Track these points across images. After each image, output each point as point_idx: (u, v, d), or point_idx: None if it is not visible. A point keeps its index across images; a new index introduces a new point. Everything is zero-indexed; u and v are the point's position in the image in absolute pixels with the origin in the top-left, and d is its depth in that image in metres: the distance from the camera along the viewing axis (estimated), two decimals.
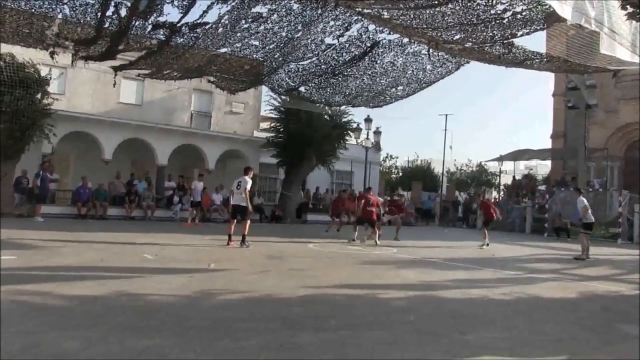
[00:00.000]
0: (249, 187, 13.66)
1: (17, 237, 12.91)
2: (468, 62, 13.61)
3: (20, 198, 20.55)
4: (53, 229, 15.11)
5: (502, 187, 40.79)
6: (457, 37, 11.20)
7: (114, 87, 17.33)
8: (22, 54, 18.62)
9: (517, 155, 38.55)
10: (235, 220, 13.61)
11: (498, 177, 45.02)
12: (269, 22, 11.36)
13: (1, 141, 20.02)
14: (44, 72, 20.87)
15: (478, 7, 9.54)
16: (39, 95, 20.76)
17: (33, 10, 11.05)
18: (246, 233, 13.23)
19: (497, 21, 9.98)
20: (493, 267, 12.08)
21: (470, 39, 11.18)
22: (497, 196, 39.55)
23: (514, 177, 38.67)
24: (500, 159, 38.28)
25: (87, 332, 5.12)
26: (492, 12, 9.71)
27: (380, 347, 5.06)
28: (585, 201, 15.30)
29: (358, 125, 29.55)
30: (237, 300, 7.14)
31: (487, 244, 17.35)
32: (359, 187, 31.24)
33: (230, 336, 5.22)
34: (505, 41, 10.94)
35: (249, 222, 13.52)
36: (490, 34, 10.65)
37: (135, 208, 23.14)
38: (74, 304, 6.40)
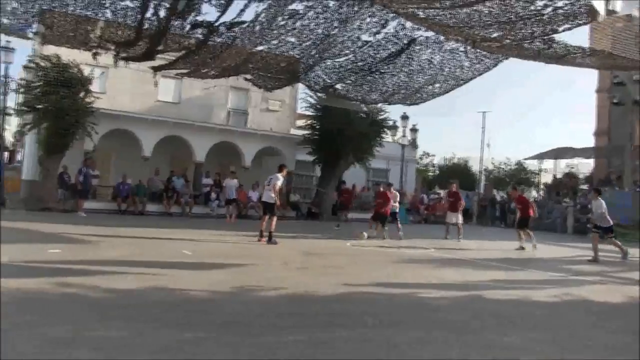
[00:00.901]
0: (279, 184, 13.74)
1: (62, 232, 13.22)
2: (507, 58, 13.35)
3: (62, 193, 21.08)
4: (95, 224, 15.41)
5: (542, 186, 40.01)
6: (495, 34, 11.00)
7: (155, 87, 17.59)
8: (67, 54, 19.02)
9: (558, 154, 37.71)
10: (267, 217, 13.68)
11: (538, 175, 44.16)
12: (305, 18, 11.34)
13: (46, 138, 20.56)
14: (86, 71, 21.30)
15: (517, 4, 9.33)
16: (81, 94, 21.22)
17: (78, 14, 11.33)
18: (273, 230, 13.26)
19: (537, 17, 9.74)
20: (534, 268, 11.85)
21: (509, 37, 10.96)
22: (536, 195, 38.82)
23: (554, 175, 37.89)
24: (540, 156, 37.53)
25: (127, 325, 5.20)
26: (532, 8, 9.48)
27: (419, 347, 5.01)
28: (604, 205, 13.94)
29: (394, 122, 29.38)
30: (275, 296, 7.16)
31: (534, 245, 15.82)
32: (396, 185, 31.05)
33: (268, 332, 5.23)
34: (545, 37, 10.68)
35: (275, 219, 13.54)
36: (530, 31, 10.40)
37: (173, 204, 23.45)
38: (115, 296, 6.52)
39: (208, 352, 4.50)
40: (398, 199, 17.83)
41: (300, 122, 30.89)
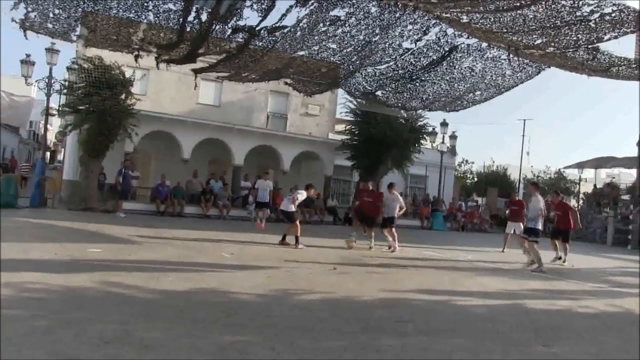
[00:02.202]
0: (300, 198, 13.99)
1: (102, 231, 13.48)
2: (549, 67, 13.13)
3: (99, 194, 21.47)
4: (134, 225, 15.66)
5: (582, 196, 39.21)
6: (539, 41, 10.81)
7: (194, 89, 17.77)
8: (110, 56, 19.36)
9: (599, 163, 36.88)
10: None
11: (578, 185, 43.29)
12: (346, 25, 11.34)
13: (88, 139, 20.98)
14: (128, 73, 21.67)
15: (563, 9, 9.15)
16: (123, 96, 21.59)
17: (121, 17, 11.53)
18: (298, 234, 13.29)
19: (583, 24, 9.54)
20: (575, 279, 11.62)
21: (553, 44, 10.76)
22: (576, 205, 38.04)
23: (594, 185, 37.08)
24: (581, 165, 36.77)
25: (172, 325, 5.28)
26: (578, 14, 9.29)
27: (461, 355, 4.96)
28: (542, 202, 13.00)
29: (434, 129, 29.14)
30: (318, 300, 7.20)
31: (564, 260, 14.58)
32: (434, 192, 30.84)
33: (310, 336, 5.25)
34: (590, 46, 10.46)
35: (297, 224, 13.59)
36: (575, 38, 10.18)
37: (211, 207, 23.66)
38: (159, 297, 6.62)
39: (253, 354, 4.54)
40: (400, 205, 15.36)
41: (340, 127, 30.92)
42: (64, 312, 5.46)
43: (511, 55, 12.04)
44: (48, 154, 43.05)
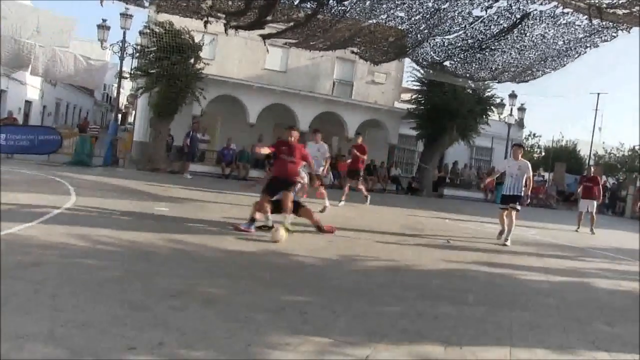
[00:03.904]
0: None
1: (169, 191, 13.92)
2: (628, 31, 12.31)
3: (167, 155, 22.16)
4: (200, 186, 16.08)
5: None
6: None
7: (267, 54, 17.78)
8: (180, 22, 19.68)
9: None
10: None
11: None
12: None
13: (157, 101, 21.56)
14: (197, 38, 22.01)
15: None
16: (192, 60, 22.00)
17: None
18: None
19: None
20: None
21: None
22: None
23: None
24: None
25: (234, 282, 5.47)
26: None
27: (521, 328, 4.92)
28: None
29: (502, 100, 28.32)
30: (377, 267, 7.27)
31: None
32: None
33: (369, 300, 5.33)
34: None
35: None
36: None
37: None
38: (222, 255, 6.84)
39: (311, 314, 4.66)
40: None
41: (405, 96, 30.55)
42: (132, 265, 5.74)
43: (590, 17, 11.43)
44: (120, 115, 44.60)
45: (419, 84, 26.79)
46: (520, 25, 12.56)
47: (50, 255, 5.74)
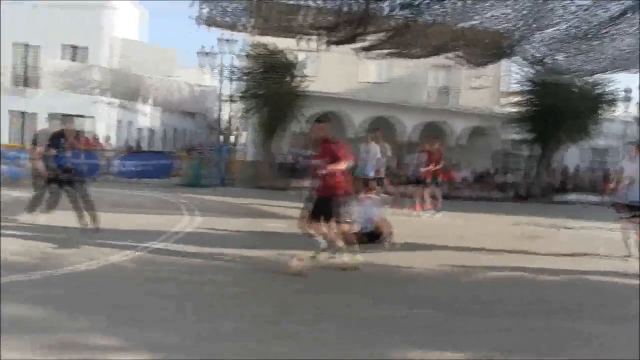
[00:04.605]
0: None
1: (276, 208, 14.21)
2: None
3: (273, 172, 22.83)
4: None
5: None
6: None
7: (365, 66, 17.87)
8: (278, 42, 20.21)
9: None
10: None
11: None
12: None
13: (266, 122, 22.37)
14: (299, 57, 22.60)
15: None
16: (296, 79, 22.63)
17: (286, 4, 12.00)
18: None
19: None
20: None
21: None
22: None
23: None
24: None
25: (342, 297, 5.67)
26: None
27: None
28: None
29: (617, 97, 25.97)
30: (489, 279, 7.18)
31: None
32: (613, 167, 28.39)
33: (478, 315, 5.28)
34: None
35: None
36: None
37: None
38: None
39: (405, 327, 4.73)
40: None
41: (503, 100, 29.61)
42: (246, 283, 6.06)
43: None
44: (222, 137, 46.26)
45: (522, 86, 25.62)
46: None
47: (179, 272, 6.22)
